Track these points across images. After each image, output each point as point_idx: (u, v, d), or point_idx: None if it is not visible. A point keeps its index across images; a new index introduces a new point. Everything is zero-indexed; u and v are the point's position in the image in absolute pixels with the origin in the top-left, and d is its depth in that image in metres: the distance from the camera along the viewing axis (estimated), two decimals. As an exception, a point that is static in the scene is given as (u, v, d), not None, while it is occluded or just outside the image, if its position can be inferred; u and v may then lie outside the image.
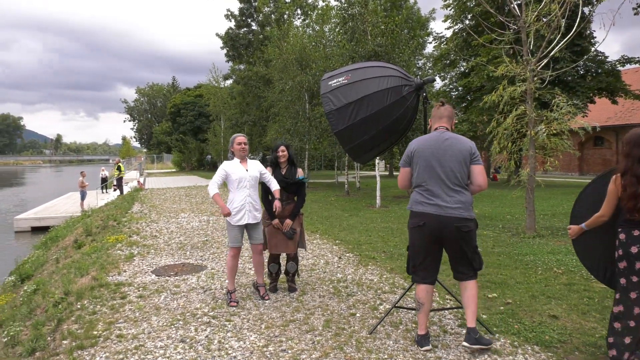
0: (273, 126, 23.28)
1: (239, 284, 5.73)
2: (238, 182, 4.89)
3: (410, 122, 4.46)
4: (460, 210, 3.54)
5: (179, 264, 6.88)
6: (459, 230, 3.53)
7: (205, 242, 8.56)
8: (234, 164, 4.96)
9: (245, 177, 4.90)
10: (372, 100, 4.23)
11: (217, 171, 4.95)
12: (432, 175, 3.65)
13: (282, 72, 21.10)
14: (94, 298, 5.23)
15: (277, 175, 5.22)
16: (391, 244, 8.13)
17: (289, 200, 5.28)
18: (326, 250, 7.74)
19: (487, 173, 28.15)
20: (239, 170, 4.91)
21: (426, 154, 3.70)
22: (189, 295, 5.32)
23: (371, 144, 4.44)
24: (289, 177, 5.22)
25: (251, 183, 4.93)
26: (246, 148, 4.98)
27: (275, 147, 5.29)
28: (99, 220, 12.30)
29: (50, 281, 6.98)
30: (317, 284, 5.70)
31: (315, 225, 10.45)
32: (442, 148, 3.67)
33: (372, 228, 9.88)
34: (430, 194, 3.65)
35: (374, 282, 5.72)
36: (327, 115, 4.34)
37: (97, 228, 11.17)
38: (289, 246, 5.25)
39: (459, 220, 3.53)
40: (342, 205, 14.81)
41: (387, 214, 12.36)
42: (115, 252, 7.83)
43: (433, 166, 3.65)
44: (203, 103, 49.97)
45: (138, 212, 13.38)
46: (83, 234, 10.86)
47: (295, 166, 5.32)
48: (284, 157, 5.24)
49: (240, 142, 4.98)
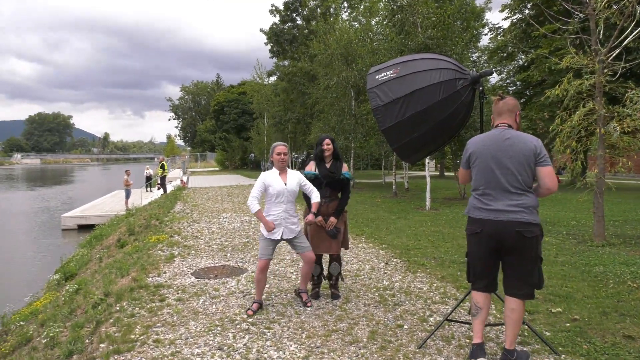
0: (317, 124, 23.30)
1: (280, 288, 5.69)
2: (276, 196, 4.82)
3: (465, 119, 4.26)
4: (522, 214, 3.38)
5: (219, 266, 6.92)
6: (521, 236, 3.36)
7: (247, 243, 8.60)
8: (272, 176, 4.88)
9: (284, 192, 4.82)
10: (423, 95, 4.07)
11: (256, 183, 4.88)
12: (490, 179, 3.51)
13: (327, 68, 21.07)
14: (133, 300, 5.33)
15: (322, 170, 5.12)
16: (442, 249, 7.91)
17: (333, 197, 5.19)
18: (372, 255, 7.61)
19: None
20: (277, 184, 4.82)
21: (484, 156, 3.56)
22: (228, 299, 5.32)
23: (421, 142, 4.28)
24: (335, 171, 5.12)
25: (289, 198, 4.85)
26: (286, 159, 4.88)
27: (319, 141, 5.20)
28: (142, 220, 12.67)
29: (92, 281, 7.21)
30: (361, 291, 5.58)
31: (360, 227, 10.31)
32: (501, 148, 3.50)
33: (421, 232, 9.68)
34: (488, 198, 3.52)
35: (423, 291, 5.55)
36: (373, 111, 4.21)
37: (140, 227, 11.51)
38: (332, 246, 5.15)
39: (521, 224, 3.36)
40: (389, 207, 14.63)
41: (437, 217, 12.09)
42: (156, 252, 8.00)
43: (492, 169, 3.51)
44: (247, 100, 50.80)
45: (180, 212, 13.69)
46: (126, 233, 11.22)
47: (341, 161, 5.23)
48: (329, 151, 5.14)
49: (280, 152, 4.87)
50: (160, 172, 23.62)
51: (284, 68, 33.55)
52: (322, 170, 5.13)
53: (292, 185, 4.85)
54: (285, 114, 33.24)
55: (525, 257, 3.41)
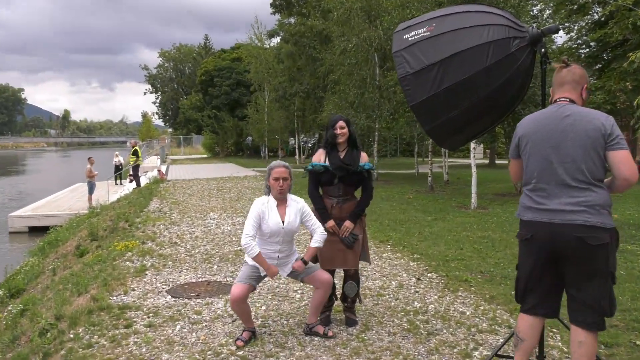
0: (332, 98, 23.25)
1: (280, 312, 5.63)
2: (269, 235, 4.74)
3: (521, 91, 4.17)
4: (585, 214, 3.30)
5: (202, 282, 6.89)
6: (583, 244, 3.29)
7: (239, 253, 8.58)
8: (269, 208, 4.75)
9: (279, 233, 4.72)
10: (466, 60, 3.97)
11: (249, 215, 4.73)
12: (544, 169, 3.47)
13: (345, 26, 20.94)
14: (91, 325, 5.30)
15: (334, 160, 5.03)
16: (491, 260, 7.80)
17: (348, 195, 5.12)
18: (400, 267, 7.53)
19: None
20: (272, 220, 4.70)
21: (537, 139, 3.51)
22: (212, 325, 5.26)
23: (463, 122, 4.19)
24: (351, 162, 5.02)
25: (286, 238, 4.79)
26: (286, 187, 4.73)
27: (331, 123, 5.10)
28: (108, 221, 12.75)
29: (42, 300, 7.25)
30: (385, 315, 5.50)
31: (385, 232, 10.23)
32: (559, 129, 3.44)
33: (464, 238, 9.60)
34: (541, 195, 3.48)
35: (466, 316, 5.45)
36: (400, 81, 4.13)
37: (105, 231, 11.58)
38: (348, 259, 5.06)
39: (584, 228, 3.29)
40: (423, 205, 14.51)
41: (485, 218, 11.97)
42: (123, 263, 8.00)
43: (546, 156, 3.46)
44: (242, 69, 50.92)
45: (156, 211, 13.73)
46: (87, 237, 11.31)
47: (358, 149, 5.15)
48: (343, 136, 5.04)
49: (278, 176, 4.71)
50: (133, 160, 23.74)
51: (289, 27, 33.48)
52: (334, 161, 5.03)
53: (292, 223, 4.77)
54: (290, 86, 33.22)
55: (591, 272, 3.34)
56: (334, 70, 23.25)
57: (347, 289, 5.20)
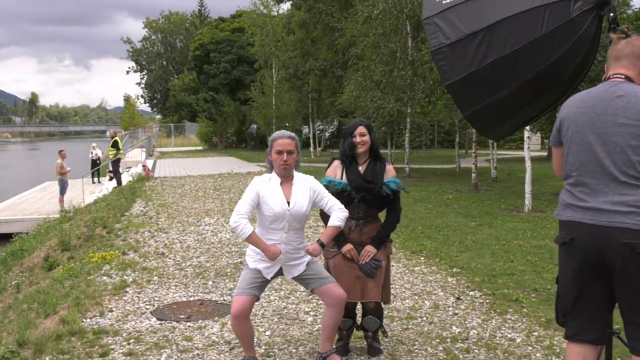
0: (353, 77, 23.26)
1: (288, 338, 5.66)
2: (272, 220, 4.66)
3: (585, 64, 4.14)
4: (636, 216, 3.30)
5: (194, 302, 6.93)
6: (633, 251, 3.29)
7: (239, 265, 8.62)
8: (271, 187, 4.70)
9: (284, 215, 4.63)
10: (516, 28, 3.96)
11: (246, 192, 4.68)
12: (587, 160, 3.46)
13: (369, -12, 20.94)
14: (59, 353, 5.34)
15: (353, 176, 5.01)
16: (548, 276, 7.76)
17: (369, 217, 5.11)
18: (435, 284, 7.54)
19: None
20: (276, 201, 4.63)
21: (580, 124, 3.51)
22: (205, 354, 5.29)
23: (512, 105, 4.19)
24: (373, 179, 5.01)
25: (293, 225, 4.69)
26: (291, 161, 4.66)
27: (349, 129, 5.09)
28: (83, 227, 12.88)
29: (4, 322, 7.34)
30: (416, 343, 5.50)
31: (419, 240, 10.23)
32: (608, 112, 3.44)
33: (515, 248, 9.60)
34: (584, 191, 3.47)
35: (516, 344, 5.45)
36: (433, 54, 4.13)
37: (79, 239, 11.71)
38: (369, 291, 5.02)
39: (634, 233, 3.29)
40: (465, 207, 14.52)
41: (542, 223, 11.96)
42: (99, 278, 8.08)
43: (590, 144, 3.46)
44: (245, 41, 51.11)
45: (140, 215, 13.85)
46: (58, 247, 11.43)
47: (382, 162, 5.15)
48: (364, 145, 5.02)
49: (281, 149, 4.64)
50: (112, 153, 23.93)
51: (301, -11, 33.50)
52: (354, 178, 5.01)
53: (301, 205, 4.67)
54: (303, 63, 33.30)
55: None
56: (357, 42, 23.27)
57: (367, 323, 5.18)
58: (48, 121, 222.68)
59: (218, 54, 54.79)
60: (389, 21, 20.29)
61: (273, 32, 39.15)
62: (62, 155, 21.68)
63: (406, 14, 20.01)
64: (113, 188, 22.10)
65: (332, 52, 31.37)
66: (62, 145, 29.12)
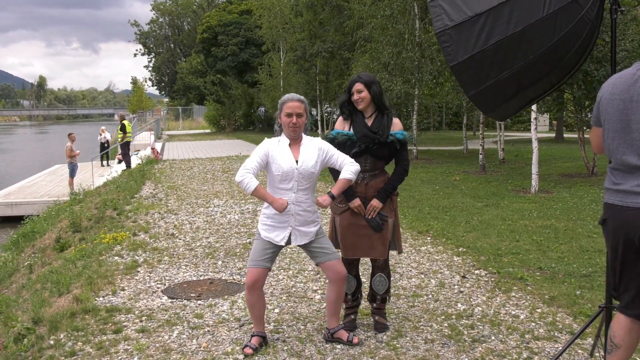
0: (361, 59, 23.20)
1: (296, 315, 5.75)
2: (281, 178, 4.76)
3: (587, 45, 4.21)
4: None
5: (204, 281, 7.04)
6: None
7: (248, 246, 8.72)
8: (280, 147, 4.82)
9: (292, 174, 4.72)
10: (519, 9, 4.02)
11: (255, 150, 4.82)
12: (621, 140, 3.50)
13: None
14: (74, 330, 5.47)
15: (359, 128, 5.07)
16: (553, 255, 7.83)
17: (376, 170, 5.17)
18: (441, 263, 7.61)
19: None
20: (284, 160, 4.75)
21: (610, 107, 3.55)
22: (216, 331, 5.40)
23: (516, 85, 4.25)
24: (380, 130, 5.06)
25: (302, 184, 4.76)
26: (300, 123, 4.77)
27: (348, 85, 5.18)
28: (93, 209, 12.98)
29: (17, 301, 7.47)
30: (422, 319, 5.58)
31: (425, 221, 10.29)
32: (629, 96, 3.47)
33: (521, 227, 9.65)
34: (618, 174, 3.54)
35: (519, 321, 5.52)
36: (438, 36, 4.18)
37: (90, 220, 11.81)
38: (375, 246, 5.13)
39: None
40: (472, 188, 14.54)
41: (548, 204, 11.99)
42: (111, 258, 8.19)
43: (624, 125, 3.49)
44: (253, 24, 50.90)
45: (149, 197, 13.97)
46: (69, 228, 11.55)
47: (389, 114, 5.18)
48: (362, 101, 5.06)
49: (291, 112, 4.75)
50: (121, 136, 24.03)
51: (309, -30, 33.31)
52: (359, 129, 5.07)
53: (308, 163, 4.76)
54: (311, 45, 33.16)
55: None
56: (364, 24, 23.19)
57: (376, 283, 5.28)
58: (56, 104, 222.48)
59: (226, 37, 54.61)
60: (396, 2, 20.20)
61: (281, 14, 38.96)
62: (71, 139, 21.77)
63: (414, -4, 19.96)
64: (122, 171, 22.20)
65: (340, 34, 31.24)
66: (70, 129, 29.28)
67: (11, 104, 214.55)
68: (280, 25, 39.14)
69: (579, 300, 5.96)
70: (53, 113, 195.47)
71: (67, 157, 21.30)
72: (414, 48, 20.10)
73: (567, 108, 17.30)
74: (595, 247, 8.04)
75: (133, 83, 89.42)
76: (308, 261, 7.62)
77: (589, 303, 5.82)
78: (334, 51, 31.92)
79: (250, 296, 4.85)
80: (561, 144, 30.27)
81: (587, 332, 5.02)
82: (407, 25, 20.37)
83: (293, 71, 37.32)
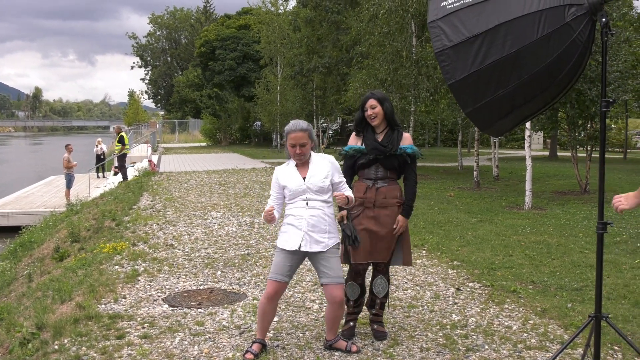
0: (358, 75, 23.33)
1: (295, 323, 5.89)
2: (290, 196, 5.03)
3: (579, 66, 4.32)
4: None
5: (204, 290, 7.17)
6: None
7: (246, 257, 8.85)
8: (288, 171, 5.10)
9: (300, 190, 4.98)
10: (513, 31, 4.15)
11: (271, 186, 5.22)
12: None
13: (374, -12, 21.05)
14: (78, 336, 5.59)
15: (370, 142, 5.30)
16: (546, 269, 7.97)
17: (388, 178, 5.37)
18: (436, 276, 7.73)
19: None
20: (292, 180, 5.02)
21: None
22: (217, 337, 5.53)
23: (511, 103, 4.38)
24: (389, 144, 5.29)
25: (312, 196, 4.99)
26: (304, 153, 4.99)
27: (361, 102, 5.40)
28: (91, 219, 13.08)
29: (19, 308, 7.57)
30: (417, 329, 5.72)
31: (420, 235, 10.42)
32: None
33: (514, 243, 9.76)
34: None
35: (512, 331, 5.65)
36: (437, 56, 4.32)
37: (88, 231, 11.91)
38: (378, 253, 5.34)
39: None
40: (466, 204, 14.66)
41: (541, 220, 12.10)
42: (111, 267, 8.30)
43: None
44: (250, 38, 51.09)
45: (147, 208, 14.06)
46: (67, 238, 11.64)
47: (400, 130, 5.40)
48: (376, 117, 5.29)
49: (294, 142, 4.97)
50: (118, 148, 24.12)
51: (307, -13, 33.58)
52: (370, 143, 5.30)
53: (316, 178, 4.98)
54: (309, 60, 33.36)
55: None
56: (362, 40, 23.33)
57: (377, 285, 5.47)
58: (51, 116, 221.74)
59: (223, 51, 54.70)
60: (394, 20, 20.33)
61: (279, 29, 39.10)
62: (68, 150, 21.87)
63: (411, 13, 20.08)
64: (119, 182, 22.26)
65: (337, 50, 31.42)
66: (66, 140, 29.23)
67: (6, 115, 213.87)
68: (278, 41, 39.30)
69: (570, 312, 6.10)
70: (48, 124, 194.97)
71: (64, 168, 21.39)
72: (410, 65, 20.20)
73: (561, 127, 17.47)
74: (587, 262, 8.17)
75: (129, 95, 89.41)
76: (306, 273, 7.75)
77: (580, 315, 5.97)
78: (331, 67, 32.11)
79: (268, 305, 5.06)
80: (555, 162, 30.42)
81: (578, 342, 5.18)
82: (404, 42, 20.49)
83: (290, 86, 37.47)
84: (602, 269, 4.35)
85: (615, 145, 41.93)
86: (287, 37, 38.22)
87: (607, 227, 4.31)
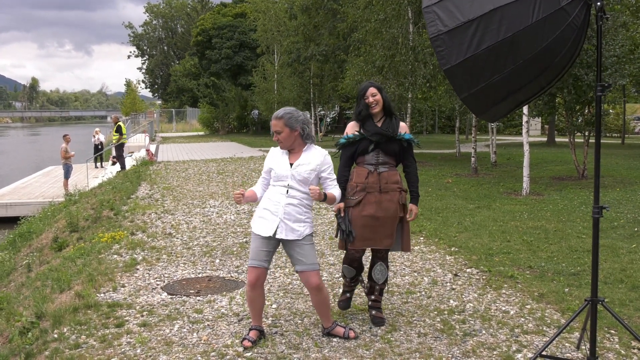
0: (355, 62, 23.31)
1: (293, 310, 5.92)
2: (275, 178, 5.09)
3: (574, 50, 4.32)
4: None
5: (203, 278, 7.20)
6: None
7: (244, 245, 8.87)
8: (279, 154, 5.17)
9: (285, 177, 5.01)
10: (508, 16, 4.14)
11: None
12: None
13: (371, -26, 20.99)
14: (77, 324, 5.63)
15: (370, 128, 5.36)
16: (543, 254, 8.00)
17: (388, 163, 5.43)
18: (434, 262, 7.77)
19: None
20: (280, 164, 5.08)
21: None
22: (215, 325, 5.57)
23: (506, 88, 4.39)
24: (389, 129, 5.36)
25: (294, 186, 5.01)
26: (281, 138, 5.01)
27: (360, 92, 5.44)
28: (89, 209, 13.09)
29: (18, 298, 7.60)
30: (415, 314, 5.75)
31: (418, 222, 10.42)
32: None
33: (512, 228, 9.78)
34: None
35: (509, 316, 5.69)
36: (432, 41, 4.31)
37: (87, 220, 11.92)
38: (383, 238, 5.39)
39: None
40: (464, 190, 14.69)
41: (539, 206, 12.12)
42: (110, 257, 8.33)
43: None
44: (247, 27, 50.94)
45: (145, 198, 14.09)
46: (66, 228, 11.65)
47: (397, 118, 5.49)
48: (376, 104, 5.36)
49: (273, 129, 5.06)
50: (116, 138, 24.13)
51: (303, -26, 33.42)
52: (371, 129, 5.36)
53: (303, 168, 5.02)
54: (305, 48, 33.25)
55: None
56: (358, 27, 23.26)
57: (377, 272, 5.53)
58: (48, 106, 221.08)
59: (220, 40, 54.53)
60: (390, 7, 20.27)
61: (276, 17, 39.01)
62: (66, 140, 21.85)
63: (408, 1, 20.07)
64: (117, 172, 22.29)
65: (334, 38, 31.28)
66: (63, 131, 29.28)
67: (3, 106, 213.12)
68: (275, 29, 39.23)
69: (567, 297, 6.14)
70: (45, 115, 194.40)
71: (62, 158, 21.40)
72: (407, 52, 20.15)
73: (558, 112, 17.47)
74: (584, 247, 8.20)
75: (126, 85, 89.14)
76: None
77: (577, 300, 6.01)
78: (328, 54, 32.01)
79: (252, 293, 5.10)
80: (552, 147, 30.43)
81: (575, 326, 5.21)
82: (400, 29, 20.44)
83: (287, 74, 37.36)
84: (598, 252, 4.37)
85: (613, 131, 41.99)
86: (283, 25, 38.10)
87: (602, 211, 4.32)
